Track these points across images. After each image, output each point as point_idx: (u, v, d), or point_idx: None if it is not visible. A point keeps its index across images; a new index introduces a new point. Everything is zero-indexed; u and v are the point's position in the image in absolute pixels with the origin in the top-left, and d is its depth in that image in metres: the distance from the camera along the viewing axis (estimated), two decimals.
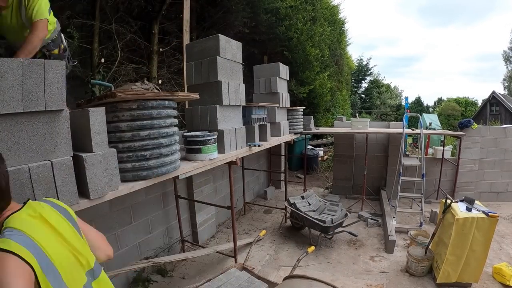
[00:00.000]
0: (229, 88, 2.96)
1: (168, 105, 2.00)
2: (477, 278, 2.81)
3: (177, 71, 5.82)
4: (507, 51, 27.37)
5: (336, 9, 11.78)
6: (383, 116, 22.95)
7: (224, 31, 6.00)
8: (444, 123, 19.27)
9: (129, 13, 5.16)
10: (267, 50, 7.83)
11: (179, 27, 5.28)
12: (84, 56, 4.55)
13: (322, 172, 8.11)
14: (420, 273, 3.07)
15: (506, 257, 3.44)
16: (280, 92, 4.57)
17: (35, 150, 1.31)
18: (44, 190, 1.29)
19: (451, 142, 8.74)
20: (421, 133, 4.50)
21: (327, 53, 9.69)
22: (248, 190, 5.46)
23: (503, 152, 5.31)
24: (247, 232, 4.32)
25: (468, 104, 25.98)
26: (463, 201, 2.94)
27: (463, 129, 5.24)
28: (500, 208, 4.97)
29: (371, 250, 3.70)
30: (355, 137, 5.72)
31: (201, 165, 2.47)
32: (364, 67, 25.78)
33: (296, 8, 7.84)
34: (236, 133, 3.03)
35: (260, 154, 5.89)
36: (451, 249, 2.74)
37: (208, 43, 2.94)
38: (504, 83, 28.40)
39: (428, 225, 4.29)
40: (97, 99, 1.87)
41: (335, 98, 12.80)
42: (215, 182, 4.38)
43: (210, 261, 3.47)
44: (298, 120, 5.32)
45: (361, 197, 5.18)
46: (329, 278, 2.98)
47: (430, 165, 5.42)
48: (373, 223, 4.39)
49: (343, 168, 5.93)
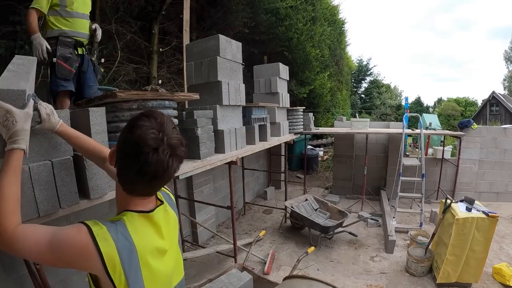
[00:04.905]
0: (229, 88, 2.96)
1: (168, 105, 2.01)
2: (477, 278, 2.81)
3: (177, 71, 5.83)
4: (508, 51, 27.37)
5: (336, 9, 11.80)
6: (383, 116, 22.95)
7: (224, 31, 6.00)
8: (444, 123, 19.28)
9: (129, 13, 5.16)
10: (267, 50, 7.84)
11: (179, 27, 5.29)
12: None
13: (322, 172, 8.11)
14: (420, 273, 3.07)
15: (506, 257, 3.44)
16: (280, 92, 4.57)
17: (35, 150, 1.30)
18: (44, 190, 1.29)
19: (451, 142, 8.74)
20: (421, 133, 4.50)
21: (327, 53, 9.69)
22: (248, 190, 5.45)
23: (503, 152, 5.31)
24: (247, 232, 4.32)
25: (468, 104, 25.97)
26: (463, 201, 2.94)
27: (463, 129, 5.23)
28: (500, 208, 4.97)
29: (371, 250, 3.70)
30: (355, 137, 5.71)
31: (201, 165, 2.47)
32: (364, 67, 25.80)
33: (296, 8, 7.85)
34: (236, 133, 3.03)
35: (260, 154, 5.89)
36: (451, 249, 2.74)
37: (208, 43, 2.94)
38: (504, 83, 28.41)
39: (428, 225, 4.29)
40: (97, 99, 1.87)
41: (335, 98, 12.81)
42: (215, 182, 4.38)
43: (210, 261, 3.47)
44: (298, 120, 5.32)
45: (361, 197, 5.18)
46: (329, 278, 2.98)
47: (430, 165, 5.42)
48: (373, 223, 4.39)
49: (343, 168, 5.93)
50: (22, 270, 1.83)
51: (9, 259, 1.84)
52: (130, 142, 0.75)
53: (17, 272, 1.88)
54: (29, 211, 1.24)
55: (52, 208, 1.32)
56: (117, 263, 0.72)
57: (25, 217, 1.23)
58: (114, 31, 4.76)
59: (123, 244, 0.74)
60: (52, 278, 1.86)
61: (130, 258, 0.74)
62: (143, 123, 0.75)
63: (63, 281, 2.14)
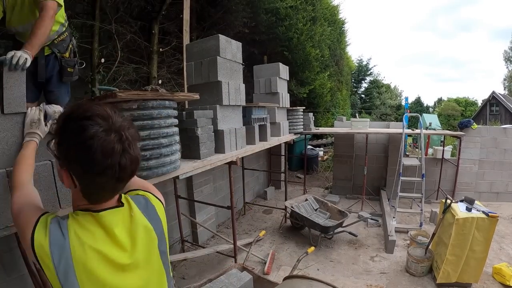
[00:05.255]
0: (229, 88, 2.97)
1: (168, 105, 2.01)
2: (477, 278, 2.81)
3: (177, 71, 5.82)
4: (507, 51, 27.37)
5: (336, 9, 11.81)
6: (383, 116, 22.97)
7: (224, 31, 6.00)
8: (444, 123, 19.28)
9: (129, 13, 5.16)
10: (267, 50, 7.83)
11: (179, 27, 5.29)
12: (84, 56, 4.54)
13: (322, 172, 8.11)
14: (420, 273, 3.07)
15: (506, 257, 3.44)
16: (280, 92, 4.57)
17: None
18: (44, 190, 1.29)
19: (451, 142, 8.73)
20: (421, 133, 4.50)
21: (327, 53, 9.69)
22: (248, 190, 5.45)
23: (503, 152, 5.31)
24: (247, 232, 4.32)
25: (468, 104, 25.98)
26: (463, 201, 2.94)
27: (463, 129, 5.23)
28: (500, 208, 4.97)
29: (371, 250, 3.70)
30: (355, 137, 5.71)
31: (201, 165, 2.47)
32: (364, 67, 25.80)
33: (296, 8, 7.84)
34: (236, 133, 3.03)
35: (260, 154, 5.89)
36: (451, 249, 2.74)
37: (208, 43, 2.94)
38: (504, 83, 28.41)
39: (428, 225, 4.29)
40: (97, 99, 1.87)
41: (335, 98, 12.81)
42: (215, 182, 4.38)
43: (210, 261, 3.47)
44: (298, 120, 5.32)
45: (361, 197, 5.18)
46: (329, 278, 2.98)
47: (430, 165, 5.41)
48: (373, 223, 4.39)
49: (343, 168, 5.93)
50: (22, 270, 1.84)
51: (9, 259, 1.85)
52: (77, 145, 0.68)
53: (18, 272, 1.88)
54: None
55: (52, 208, 1.32)
56: (47, 256, 0.67)
57: None
58: (114, 31, 4.76)
59: (57, 237, 0.69)
60: None
61: (60, 254, 0.68)
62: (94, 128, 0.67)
63: None
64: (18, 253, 1.49)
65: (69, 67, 2.01)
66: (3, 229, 1.17)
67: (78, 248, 0.69)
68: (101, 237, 0.73)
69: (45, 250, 0.67)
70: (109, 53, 4.91)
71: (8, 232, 1.19)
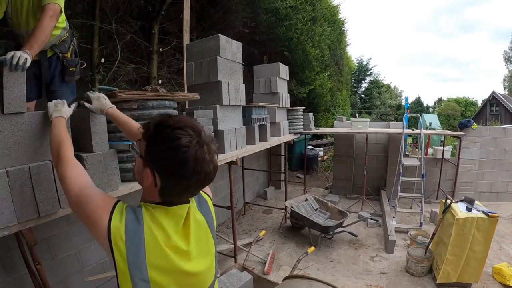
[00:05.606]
0: (229, 88, 2.96)
1: (168, 105, 2.01)
2: (477, 278, 2.81)
3: (177, 71, 5.83)
4: (507, 51, 27.38)
5: (336, 9, 11.79)
6: (383, 116, 22.96)
7: (224, 31, 6.00)
8: (444, 123, 19.28)
9: (129, 13, 5.16)
10: (267, 50, 7.83)
11: (179, 27, 5.29)
12: (84, 56, 4.55)
13: (322, 172, 8.11)
14: (420, 273, 3.07)
15: (506, 257, 3.44)
16: (280, 92, 4.57)
17: (35, 150, 1.31)
18: (44, 190, 1.29)
19: (451, 142, 8.73)
20: (421, 133, 4.50)
21: (327, 53, 9.69)
22: (248, 190, 5.45)
23: (503, 152, 5.31)
24: (247, 232, 4.32)
25: (468, 104, 25.98)
26: (463, 201, 2.94)
27: (463, 129, 5.24)
28: (500, 208, 4.97)
29: (371, 250, 3.70)
30: (355, 137, 5.72)
31: None
32: (364, 67, 25.81)
33: (296, 8, 7.84)
34: (236, 133, 3.03)
35: (260, 154, 5.89)
36: (451, 249, 2.74)
37: (208, 43, 2.94)
38: (504, 83, 28.41)
39: (428, 225, 4.29)
40: None
41: (335, 98, 12.81)
42: (215, 182, 4.37)
43: None
44: (298, 120, 5.32)
45: (361, 197, 5.18)
46: (329, 278, 2.98)
47: (430, 165, 5.41)
48: (373, 223, 4.39)
49: (343, 168, 5.93)
50: (22, 270, 1.84)
51: (9, 259, 1.85)
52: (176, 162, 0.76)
53: (17, 272, 1.88)
54: (29, 211, 1.24)
55: (52, 208, 1.32)
56: (121, 239, 0.74)
57: (25, 217, 1.23)
58: (114, 31, 4.76)
59: (132, 222, 0.77)
60: (52, 278, 1.86)
61: (133, 238, 0.75)
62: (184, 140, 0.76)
63: (63, 281, 2.14)
64: (18, 253, 1.48)
65: (71, 67, 2.05)
66: (3, 229, 1.17)
67: (149, 234, 0.77)
68: (170, 227, 0.82)
69: (121, 232, 0.74)
70: (109, 53, 4.91)
71: (8, 232, 1.18)
